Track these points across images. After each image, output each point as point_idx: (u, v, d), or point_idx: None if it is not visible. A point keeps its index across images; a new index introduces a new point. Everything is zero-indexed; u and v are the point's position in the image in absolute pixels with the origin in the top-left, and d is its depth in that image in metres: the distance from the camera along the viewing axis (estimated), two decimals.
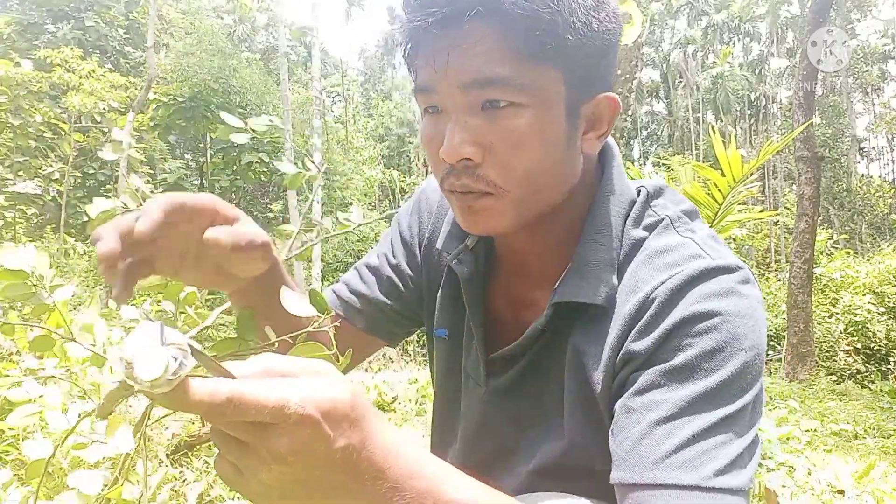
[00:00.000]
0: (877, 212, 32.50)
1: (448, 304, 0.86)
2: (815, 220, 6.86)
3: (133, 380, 0.40)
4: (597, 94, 0.68)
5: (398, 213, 0.95)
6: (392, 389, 4.39)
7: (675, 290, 0.64)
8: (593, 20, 0.63)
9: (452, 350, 0.86)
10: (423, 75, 0.67)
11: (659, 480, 0.58)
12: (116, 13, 17.33)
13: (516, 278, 0.81)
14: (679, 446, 0.58)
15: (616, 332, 0.67)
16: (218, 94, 17.21)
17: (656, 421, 0.60)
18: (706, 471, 0.57)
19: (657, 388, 0.62)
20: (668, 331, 0.63)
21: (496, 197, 0.67)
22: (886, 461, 3.67)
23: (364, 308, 0.90)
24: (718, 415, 0.60)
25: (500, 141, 0.64)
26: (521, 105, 0.63)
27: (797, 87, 6.89)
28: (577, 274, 0.70)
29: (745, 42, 38.28)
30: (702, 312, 0.62)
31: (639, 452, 0.60)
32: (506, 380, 0.79)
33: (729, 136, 25.08)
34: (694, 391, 0.60)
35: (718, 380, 0.60)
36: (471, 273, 0.79)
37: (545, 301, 0.74)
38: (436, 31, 0.62)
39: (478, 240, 0.80)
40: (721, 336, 0.62)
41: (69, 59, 12.63)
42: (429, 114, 0.69)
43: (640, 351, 0.64)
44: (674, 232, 0.72)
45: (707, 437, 0.59)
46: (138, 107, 11.69)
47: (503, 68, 0.62)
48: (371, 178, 24.46)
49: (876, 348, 12.08)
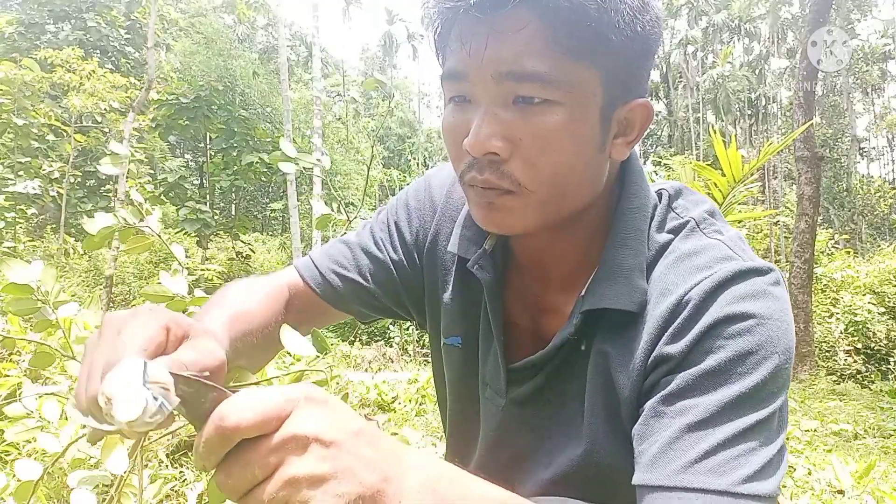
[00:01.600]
0: (877, 212, 32.48)
1: (461, 310, 0.82)
2: (815, 220, 6.86)
3: (111, 418, 0.40)
4: (633, 98, 0.66)
5: (397, 203, 0.89)
6: (392, 389, 4.39)
7: (708, 292, 0.63)
8: (637, 22, 0.61)
9: (468, 358, 0.83)
10: (454, 61, 0.63)
11: (686, 484, 0.56)
12: (117, 13, 17.33)
13: (534, 283, 0.78)
14: (708, 451, 0.57)
15: (647, 335, 0.65)
16: (220, 94, 17.21)
17: (687, 426, 0.59)
18: (735, 477, 0.56)
19: (688, 392, 0.60)
20: (701, 333, 0.61)
21: (518, 196, 0.64)
22: (886, 461, 3.67)
23: (345, 291, 0.85)
24: (749, 420, 0.58)
25: (529, 138, 0.61)
26: (555, 103, 0.60)
27: (797, 87, 6.89)
28: (607, 280, 0.68)
29: (746, 42, 38.27)
30: (735, 314, 0.61)
31: (667, 456, 0.58)
32: (527, 389, 0.76)
33: (729, 136, 25.07)
34: (726, 396, 0.59)
35: (750, 384, 0.59)
36: (493, 279, 0.76)
37: (566, 306, 0.73)
38: (477, 15, 0.59)
39: (496, 242, 0.77)
40: (754, 339, 0.60)
41: (70, 60, 12.62)
42: (455, 102, 0.66)
43: (672, 354, 0.62)
44: (701, 234, 0.70)
45: (737, 443, 0.58)
46: (139, 107, 11.68)
47: (542, 63, 0.59)
48: (371, 178, 24.47)
49: (876, 348, 12.08)
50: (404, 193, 0.89)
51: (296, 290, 0.85)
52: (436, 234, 0.84)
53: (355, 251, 0.87)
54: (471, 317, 0.81)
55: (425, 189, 0.87)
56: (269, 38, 31.86)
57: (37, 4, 16.43)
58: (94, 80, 12.59)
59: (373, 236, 0.87)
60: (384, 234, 0.87)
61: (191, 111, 16.49)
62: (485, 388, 0.81)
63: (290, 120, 15.17)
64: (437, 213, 0.85)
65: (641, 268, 0.68)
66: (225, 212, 21.45)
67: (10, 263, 0.74)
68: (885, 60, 37.54)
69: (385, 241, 0.87)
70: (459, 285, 0.82)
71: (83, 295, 10.98)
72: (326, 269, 0.85)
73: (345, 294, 0.85)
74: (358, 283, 0.85)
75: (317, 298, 0.85)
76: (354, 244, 0.87)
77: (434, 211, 0.85)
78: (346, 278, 0.85)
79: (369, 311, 0.90)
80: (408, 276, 0.86)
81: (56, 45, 14.37)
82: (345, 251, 0.87)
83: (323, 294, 0.85)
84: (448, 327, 0.84)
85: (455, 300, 0.82)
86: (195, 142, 20.58)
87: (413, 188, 0.89)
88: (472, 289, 0.80)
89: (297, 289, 0.85)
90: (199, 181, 19.89)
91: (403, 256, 0.86)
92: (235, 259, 18.27)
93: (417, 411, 4.04)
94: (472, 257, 0.76)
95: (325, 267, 0.86)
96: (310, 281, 0.85)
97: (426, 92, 56.13)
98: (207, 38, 18.53)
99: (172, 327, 0.53)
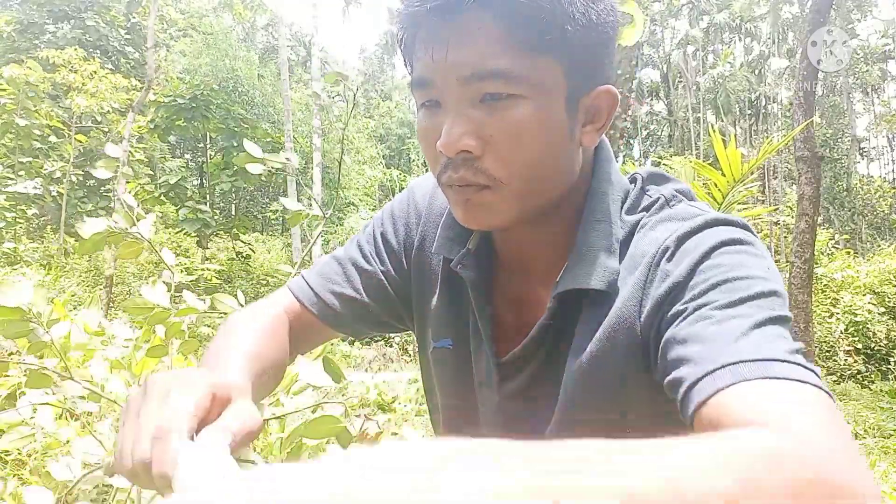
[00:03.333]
0: (877, 212, 32.49)
1: (449, 312, 0.83)
2: (815, 220, 6.86)
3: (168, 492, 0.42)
4: (596, 86, 0.68)
5: (382, 214, 0.91)
6: (392, 389, 4.39)
7: (687, 233, 0.64)
8: (592, 11, 0.63)
9: (460, 359, 0.83)
10: (420, 68, 0.66)
11: (736, 357, 0.51)
12: (117, 13, 17.33)
13: (517, 277, 0.79)
14: (743, 333, 0.53)
15: (634, 294, 0.66)
16: (217, 94, 17.22)
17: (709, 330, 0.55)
18: (780, 349, 0.52)
19: (699, 309, 0.58)
20: (693, 263, 0.61)
21: (495, 190, 0.66)
22: (886, 461, 3.67)
23: (343, 310, 0.86)
24: (769, 313, 0.56)
25: (499, 133, 0.64)
26: (520, 97, 0.63)
27: (797, 87, 6.89)
28: (578, 263, 0.70)
29: (746, 42, 38.29)
30: (722, 241, 0.62)
31: (702, 356, 0.53)
32: (519, 383, 0.77)
33: (729, 136, 25.07)
34: (738, 297, 0.57)
35: (758, 288, 0.57)
36: (477, 277, 0.77)
37: (548, 297, 0.73)
38: (435, 20, 0.62)
39: (478, 241, 0.78)
40: (747, 257, 0.61)
41: (72, 60, 12.63)
42: (426, 107, 0.68)
43: (666, 292, 0.62)
44: (670, 208, 0.72)
45: (767, 325, 0.54)
46: (139, 107, 11.68)
47: (503, 61, 0.61)
48: (372, 178, 24.48)
49: (876, 348, 12.09)
50: (389, 205, 0.91)
51: (294, 314, 0.86)
52: (422, 240, 0.86)
53: (346, 266, 0.88)
54: (460, 318, 0.82)
55: (409, 198, 0.89)
56: (270, 38, 31.87)
57: (36, 4, 16.43)
58: (97, 80, 12.60)
59: (360, 249, 0.88)
60: (371, 247, 0.88)
61: (188, 111, 16.50)
62: (480, 388, 0.82)
63: (291, 120, 15.17)
64: (421, 219, 0.86)
65: (612, 248, 0.69)
66: (225, 212, 21.46)
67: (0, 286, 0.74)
68: (885, 60, 37.54)
69: (373, 254, 0.88)
70: (447, 288, 0.83)
71: (83, 295, 10.99)
72: (322, 290, 0.86)
73: (342, 313, 0.86)
74: (353, 298, 0.86)
75: (316, 321, 0.86)
76: (344, 259, 0.88)
77: (419, 218, 0.87)
78: (342, 296, 0.86)
79: (366, 328, 0.91)
80: (398, 286, 0.87)
81: (56, 45, 14.38)
82: (336, 268, 0.88)
83: (322, 316, 0.86)
84: (437, 330, 0.84)
85: (443, 303, 0.83)
86: (195, 142, 20.60)
87: (397, 199, 0.91)
88: (459, 290, 0.81)
89: (295, 313, 0.86)
90: (199, 181, 19.91)
91: (392, 266, 0.87)
92: (235, 259, 18.28)
93: (417, 411, 4.04)
94: (455, 257, 0.77)
95: (320, 288, 0.86)
96: (307, 304, 0.86)
97: None
98: (207, 38, 18.56)
99: (218, 392, 0.55)
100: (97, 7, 16.92)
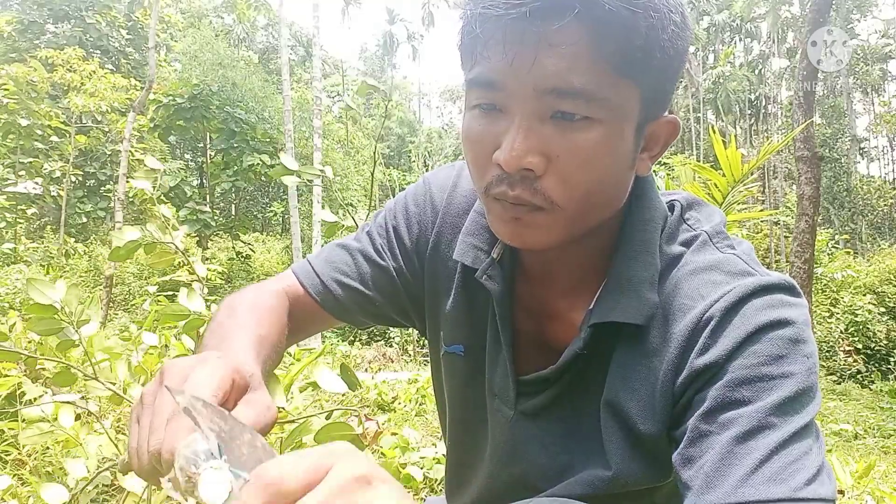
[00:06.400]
0: (877, 212, 32.50)
1: (463, 318, 0.80)
2: (815, 220, 6.85)
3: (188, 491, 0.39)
4: (661, 114, 0.65)
5: (395, 207, 0.87)
6: (392, 389, 4.39)
7: (733, 305, 0.62)
8: (678, 41, 0.60)
9: (471, 367, 0.81)
10: (489, 68, 0.60)
11: (747, 498, 0.54)
12: (117, 13, 17.34)
13: (541, 290, 0.76)
14: (762, 460, 0.55)
15: (671, 351, 0.64)
16: (216, 94, 17.21)
17: (735, 438, 0.57)
18: (795, 482, 0.54)
19: (730, 405, 0.59)
20: (734, 344, 0.60)
21: (548, 213, 0.62)
22: (886, 461, 3.68)
23: (346, 300, 0.83)
24: (797, 424, 0.57)
25: (567, 154, 0.60)
26: (595, 120, 0.59)
27: (797, 87, 6.89)
28: (616, 292, 0.67)
29: (746, 42, 38.29)
30: (764, 324, 0.60)
31: (721, 474, 0.56)
32: (538, 401, 0.75)
33: (729, 136, 25.07)
34: (769, 402, 0.57)
35: (791, 389, 0.58)
36: (502, 289, 0.74)
37: (571, 312, 0.72)
38: (528, 26, 0.56)
39: (503, 250, 0.75)
40: (786, 345, 0.60)
41: (72, 60, 12.63)
42: (482, 110, 0.63)
43: (704, 369, 0.61)
44: (714, 248, 0.69)
45: (790, 446, 0.56)
46: (139, 107, 11.68)
47: (587, 79, 0.57)
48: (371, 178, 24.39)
49: (876, 348, 12.09)
50: (403, 197, 0.87)
51: (295, 296, 0.83)
52: (437, 241, 0.82)
53: (356, 257, 0.84)
54: (475, 325, 0.79)
55: (425, 194, 0.85)
56: (270, 38, 31.86)
57: (36, 4, 16.44)
58: (96, 80, 12.60)
59: (372, 242, 0.85)
60: (384, 240, 0.85)
61: (187, 112, 16.51)
62: (493, 398, 0.80)
63: (291, 120, 15.17)
64: (438, 219, 0.83)
65: (652, 280, 0.67)
66: (225, 212, 21.46)
67: (36, 283, 0.74)
68: (885, 60, 37.53)
69: (385, 248, 0.84)
70: (463, 293, 0.80)
71: (83, 295, 10.95)
72: (328, 278, 0.83)
73: (346, 303, 0.83)
74: (360, 291, 0.83)
75: (317, 307, 0.83)
76: (355, 250, 0.84)
77: (435, 217, 0.83)
78: (349, 286, 0.82)
79: (369, 319, 0.88)
80: (409, 283, 0.84)
81: (56, 45, 14.38)
82: (346, 258, 0.84)
83: (324, 304, 0.83)
84: (450, 335, 0.82)
85: (458, 308, 0.80)
86: (195, 142, 20.60)
87: (412, 192, 0.86)
88: (477, 297, 0.78)
89: (297, 295, 0.83)
90: (199, 181, 19.91)
91: (404, 263, 0.84)
92: (235, 259, 18.29)
93: (417, 411, 4.04)
94: (479, 266, 0.74)
95: (326, 275, 0.83)
96: (310, 289, 0.83)
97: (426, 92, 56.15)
98: (207, 38, 18.55)
99: (237, 378, 0.52)
100: (98, 7, 16.93)
